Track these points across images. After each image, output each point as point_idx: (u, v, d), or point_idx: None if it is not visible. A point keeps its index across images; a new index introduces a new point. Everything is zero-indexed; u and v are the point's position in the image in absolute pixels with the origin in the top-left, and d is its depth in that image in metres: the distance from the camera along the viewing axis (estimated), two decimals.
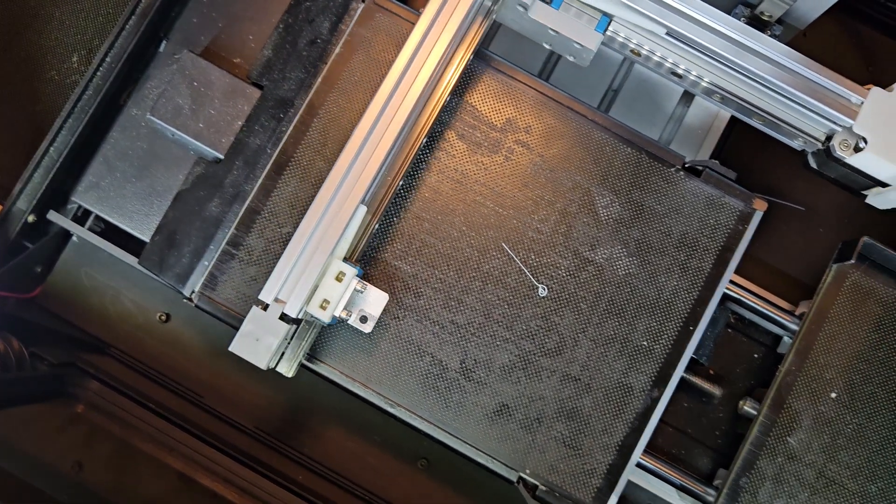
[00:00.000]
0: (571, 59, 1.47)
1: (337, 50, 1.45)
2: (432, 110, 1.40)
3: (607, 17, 1.39)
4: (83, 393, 1.64)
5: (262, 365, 1.28)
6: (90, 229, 1.60)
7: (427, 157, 1.46)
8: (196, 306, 1.40)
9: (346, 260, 1.32)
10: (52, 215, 1.58)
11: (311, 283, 1.29)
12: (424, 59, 1.37)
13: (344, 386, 1.42)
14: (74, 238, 1.70)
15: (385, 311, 1.42)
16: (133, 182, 1.57)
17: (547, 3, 1.40)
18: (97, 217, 1.60)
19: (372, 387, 1.41)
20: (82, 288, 1.71)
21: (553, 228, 1.45)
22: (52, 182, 1.54)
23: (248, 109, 1.49)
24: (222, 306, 1.40)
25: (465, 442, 1.41)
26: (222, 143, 1.48)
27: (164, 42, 1.63)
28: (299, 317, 1.31)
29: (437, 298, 1.43)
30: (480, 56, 1.49)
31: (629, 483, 1.45)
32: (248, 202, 1.41)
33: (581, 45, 1.39)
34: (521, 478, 1.42)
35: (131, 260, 1.54)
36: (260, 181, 1.42)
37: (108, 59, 1.56)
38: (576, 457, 1.41)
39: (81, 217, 1.62)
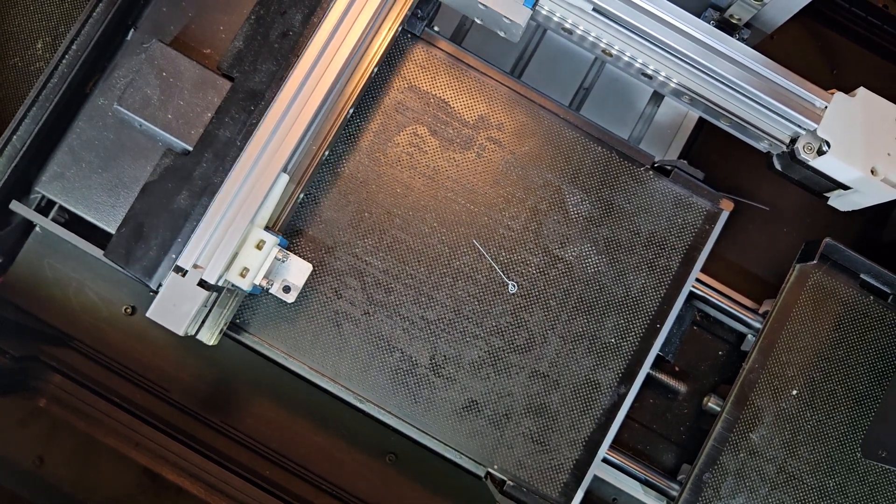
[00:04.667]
0: (502, 34, 1.46)
1: (309, 43, 1.44)
2: (359, 80, 1.40)
3: None
4: (45, 386, 1.61)
5: (180, 331, 1.28)
6: (54, 220, 1.57)
7: (398, 151, 1.46)
8: None
9: (267, 228, 1.32)
10: (15, 205, 1.54)
11: (231, 250, 1.29)
12: (349, 27, 1.37)
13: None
14: (37, 229, 1.67)
15: (355, 305, 1.42)
16: (99, 173, 1.54)
17: None
18: (61, 208, 1.56)
19: (341, 382, 1.41)
20: (45, 279, 1.67)
21: (524, 226, 1.46)
22: (14, 171, 1.50)
23: (218, 101, 1.47)
24: None
25: (433, 437, 1.42)
26: (191, 134, 1.46)
27: (133, 30, 1.61)
28: (219, 284, 1.30)
29: (407, 294, 1.43)
30: (452, 52, 1.49)
31: (595, 478, 1.47)
32: (217, 195, 1.40)
33: (510, 20, 1.39)
34: (488, 473, 1.43)
35: (96, 252, 1.51)
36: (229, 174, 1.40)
37: (74, 47, 1.52)
38: (543, 452, 1.43)
39: (45, 207, 1.58)
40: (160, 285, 1.39)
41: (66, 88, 1.51)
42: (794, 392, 1.48)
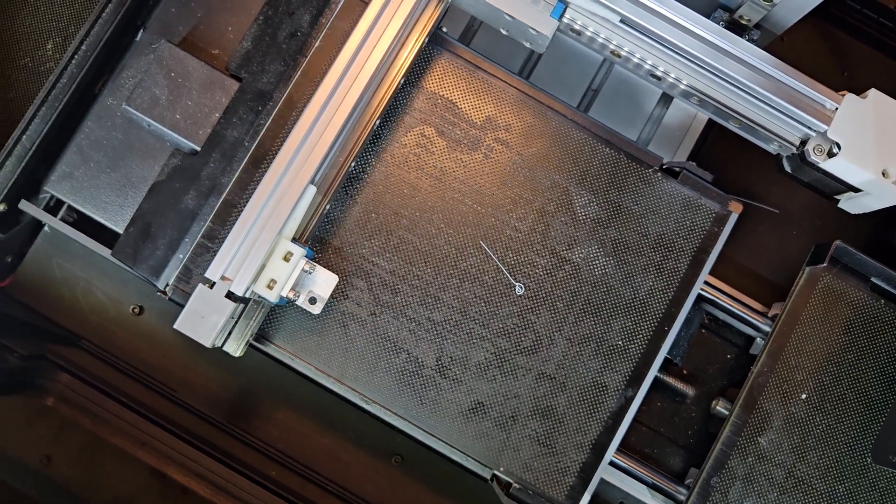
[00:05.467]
0: (528, 45, 1.46)
1: (317, 43, 1.44)
2: (385, 92, 1.40)
3: (563, 4, 1.39)
4: (53, 386, 1.62)
5: (208, 343, 1.27)
6: (62, 219, 1.58)
7: (406, 152, 1.45)
8: (170, 299, 1.39)
9: (294, 240, 1.32)
10: (24, 205, 1.55)
11: (259, 261, 1.28)
12: (377, 40, 1.36)
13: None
14: (46, 228, 1.68)
15: (361, 306, 1.42)
16: (107, 172, 1.54)
17: None
18: (70, 207, 1.57)
19: (347, 383, 1.41)
20: (54, 279, 1.68)
21: (531, 227, 1.45)
22: (23, 171, 1.51)
23: (226, 101, 1.48)
24: None
25: (439, 439, 1.41)
26: (199, 134, 1.47)
27: (142, 31, 1.61)
28: (246, 296, 1.30)
29: (414, 295, 1.43)
30: (460, 53, 1.48)
31: (602, 481, 1.46)
32: (224, 195, 1.40)
33: (537, 31, 1.39)
34: (495, 475, 1.43)
35: (104, 251, 1.52)
36: (237, 174, 1.40)
37: (83, 47, 1.53)
38: (550, 455, 1.42)
39: (54, 207, 1.59)
40: (167, 285, 1.39)
41: (75, 88, 1.52)
42: (804, 396, 1.46)
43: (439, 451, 1.43)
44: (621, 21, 1.38)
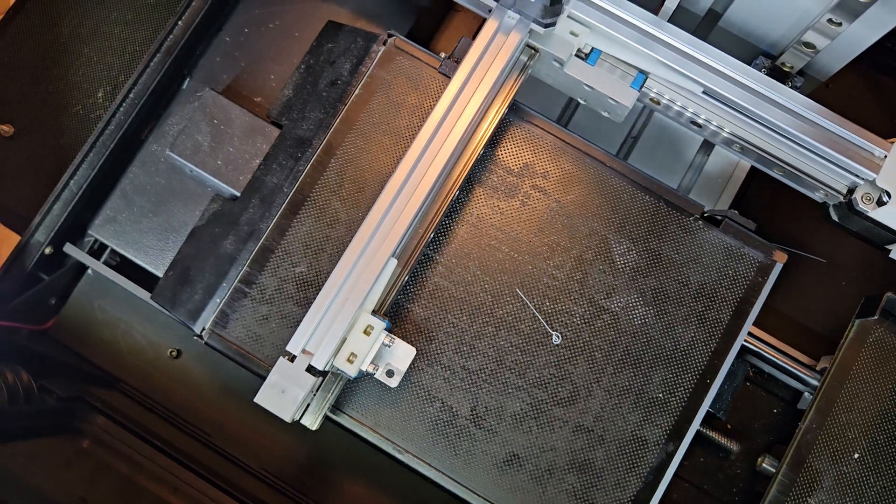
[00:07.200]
0: (606, 114, 1.47)
1: (356, 91, 1.46)
2: (465, 164, 1.39)
3: (643, 75, 1.40)
4: (90, 428, 1.63)
5: (287, 417, 1.26)
6: (105, 263, 1.61)
7: None
8: (206, 343, 1.39)
9: (374, 313, 1.31)
10: (69, 248, 1.59)
11: (340, 335, 1.27)
12: (459, 113, 1.36)
13: (365, 438, 1.39)
14: (89, 271, 1.71)
15: None
16: (150, 217, 1.58)
17: (583, 58, 1.41)
18: (113, 251, 1.60)
19: (381, 432, 1.38)
20: (95, 321, 1.70)
21: (568, 275, 1.43)
22: (70, 215, 1.55)
23: (266, 148, 1.50)
24: (232, 345, 1.39)
25: (473, 492, 1.38)
26: (239, 180, 1.49)
27: (188, 79, 1.66)
28: (326, 369, 1.29)
29: (448, 343, 1.41)
30: None
31: None
32: (262, 240, 1.41)
33: (616, 102, 1.39)
34: None
35: (144, 295, 1.54)
36: (275, 220, 1.41)
37: (131, 95, 1.58)
38: None
39: (97, 250, 1.63)
40: (203, 329, 1.40)
41: (122, 135, 1.57)
42: (856, 455, 1.40)
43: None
44: (703, 92, 1.38)
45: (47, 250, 1.56)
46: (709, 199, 1.71)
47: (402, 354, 1.31)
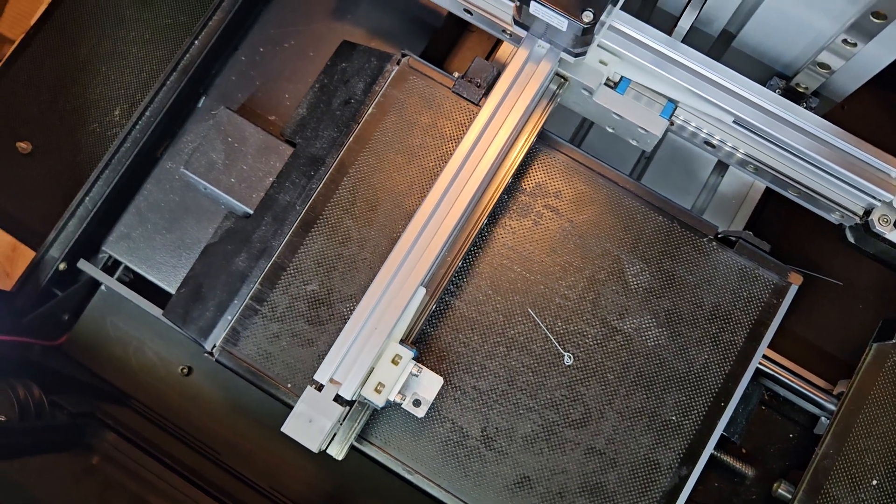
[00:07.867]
0: (634, 143, 1.46)
1: (370, 110, 1.47)
2: (494, 193, 1.39)
3: (673, 104, 1.39)
4: (100, 444, 1.63)
5: (314, 447, 1.26)
6: (119, 279, 1.62)
7: None
8: (217, 361, 1.39)
9: (402, 342, 1.30)
10: (83, 264, 1.60)
11: (368, 365, 1.27)
12: (489, 143, 1.36)
13: (374, 457, 1.38)
14: (103, 287, 1.71)
15: None
16: (163, 234, 1.58)
17: (612, 87, 1.40)
18: (126, 267, 1.61)
19: (389, 451, 1.37)
20: (107, 337, 1.71)
21: (581, 295, 1.42)
22: (84, 231, 1.56)
23: (279, 166, 1.51)
24: (243, 362, 1.38)
25: None
26: (252, 198, 1.49)
27: (203, 98, 1.67)
28: (353, 399, 1.28)
29: (459, 363, 1.40)
30: None
31: None
32: (274, 258, 1.41)
33: (646, 131, 1.39)
34: None
35: (156, 311, 1.54)
36: (287, 237, 1.42)
37: (147, 113, 1.59)
38: None
39: (111, 267, 1.63)
40: (214, 346, 1.40)
41: (137, 153, 1.58)
42: (875, 482, 1.37)
43: None
44: (734, 122, 1.38)
45: (62, 266, 1.57)
46: (723, 220, 1.70)
47: (429, 384, 1.31)
